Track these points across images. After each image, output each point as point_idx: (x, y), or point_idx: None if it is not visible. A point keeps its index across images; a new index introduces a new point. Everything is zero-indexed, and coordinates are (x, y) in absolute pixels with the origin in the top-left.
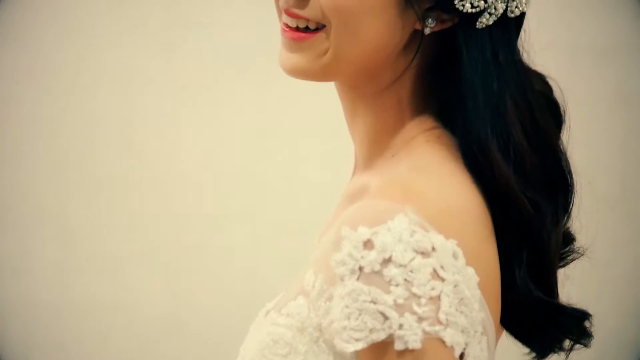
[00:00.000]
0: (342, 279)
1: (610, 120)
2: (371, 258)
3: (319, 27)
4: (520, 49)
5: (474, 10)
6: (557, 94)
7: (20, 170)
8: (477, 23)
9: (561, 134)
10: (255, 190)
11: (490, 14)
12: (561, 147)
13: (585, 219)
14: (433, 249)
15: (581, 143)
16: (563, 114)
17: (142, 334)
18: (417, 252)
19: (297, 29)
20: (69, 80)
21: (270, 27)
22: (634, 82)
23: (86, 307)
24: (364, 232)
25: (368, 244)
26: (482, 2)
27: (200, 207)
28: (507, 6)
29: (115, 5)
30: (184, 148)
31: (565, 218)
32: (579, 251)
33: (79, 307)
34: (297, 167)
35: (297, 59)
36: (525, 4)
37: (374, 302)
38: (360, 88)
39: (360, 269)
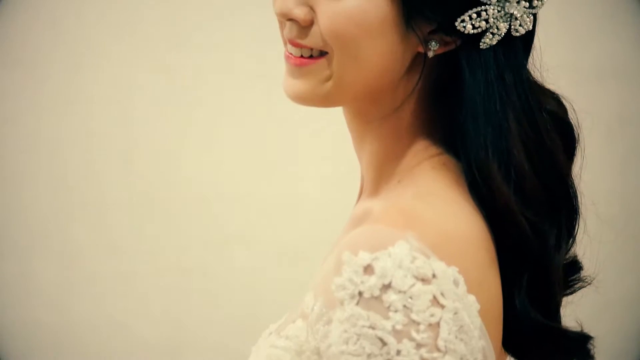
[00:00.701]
0: (341, 304)
1: (612, 142)
2: (371, 283)
3: (323, 54)
4: (533, 69)
5: (475, 31)
6: (571, 115)
7: (21, 191)
8: (481, 44)
9: (574, 156)
10: (256, 213)
11: (493, 34)
12: (569, 169)
13: (588, 241)
14: (434, 275)
15: (585, 166)
16: (577, 136)
17: (142, 356)
18: (417, 278)
19: (301, 56)
20: (69, 100)
21: (271, 49)
22: (637, 104)
23: (86, 329)
24: (364, 257)
25: (368, 269)
26: (484, 23)
27: (200, 229)
28: (510, 25)
29: (116, 25)
30: (185, 170)
31: (570, 242)
32: (586, 280)
33: (80, 328)
34: (298, 190)
35: (300, 85)
36: (530, 23)
37: (372, 327)
38: (365, 114)
39: (360, 294)
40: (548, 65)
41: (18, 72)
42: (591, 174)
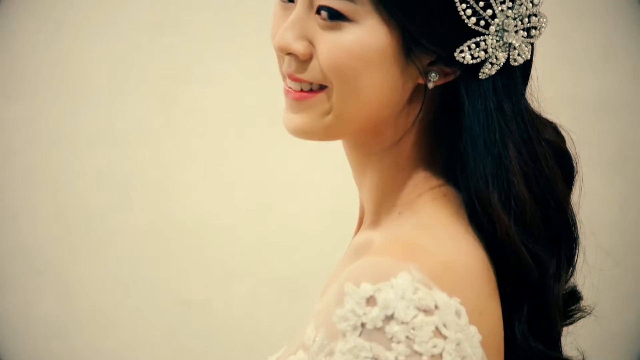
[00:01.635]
0: (344, 335)
1: (612, 175)
2: (373, 315)
3: (322, 87)
4: (531, 98)
5: (474, 61)
6: (569, 144)
7: (20, 225)
8: (480, 74)
9: (573, 185)
10: (256, 246)
11: (492, 64)
12: (568, 198)
13: (588, 271)
14: (436, 306)
15: (585, 196)
16: (575, 165)
17: None
18: (419, 309)
19: (301, 90)
20: (69, 135)
21: (271, 84)
22: (635, 137)
23: None
24: (366, 289)
25: (371, 301)
26: (483, 53)
27: (201, 263)
28: (508, 55)
29: (115, 59)
30: (184, 204)
31: (570, 271)
32: (586, 310)
33: None
34: (298, 224)
35: (300, 119)
36: (528, 52)
37: (375, 358)
38: (366, 146)
39: (363, 325)
40: (549, 96)
41: (17, 105)
42: (593, 204)
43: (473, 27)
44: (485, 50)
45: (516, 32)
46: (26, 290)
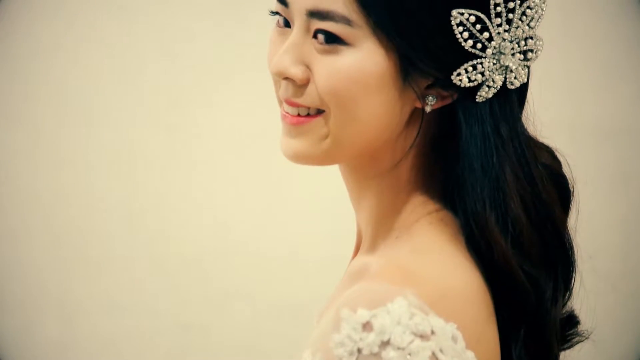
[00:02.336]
0: None
1: (612, 200)
2: (370, 340)
3: (319, 112)
4: (528, 121)
5: (472, 84)
6: (565, 168)
7: (20, 247)
8: (477, 97)
9: (570, 209)
10: (256, 269)
11: (489, 86)
12: (564, 222)
13: (585, 296)
14: (432, 332)
15: (583, 221)
16: (571, 188)
17: None
18: (416, 335)
19: (298, 115)
20: (69, 157)
21: (272, 110)
22: (635, 162)
23: None
24: (363, 314)
25: (367, 326)
26: (480, 76)
27: (200, 285)
28: (505, 78)
29: (116, 84)
30: (184, 228)
31: (567, 294)
32: (584, 334)
33: None
34: (298, 246)
35: (297, 144)
36: (525, 75)
37: None
38: (363, 170)
39: (359, 350)
40: (549, 121)
41: (18, 129)
42: (593, 229)
43: (470, 49)
44: (482, 73)
45: (513, 55)
46: (27, 313)
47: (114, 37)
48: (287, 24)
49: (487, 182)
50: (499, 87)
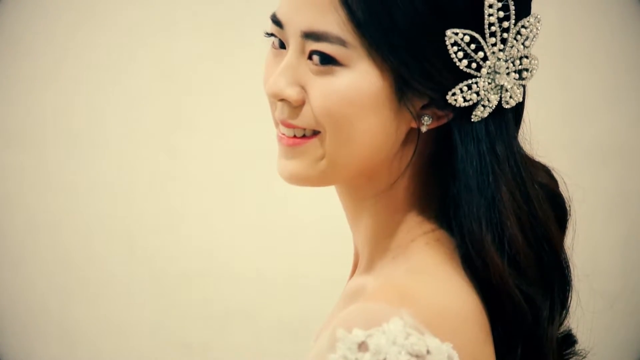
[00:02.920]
0: None
1: (611, 220)
2: None
3: (315, 133)
4: (523, 140)
5: (467, 104)
6: (562, 187)
7: (22, 270)
8: (472, 116)
9: (567, 228)
10: (257, 289)
11: (484, 106)
12: (561, 241)
13: (583, 315)
14: (428, 352)
15: (582, 240)
16: (568, 207)
17: None
18: (411, 355)
19: (294, 136)
20: (70, 180)
21: (271, 129)
22: (635, 182)
23: None
24: (358, 335)
25: (362, 346)
26: (475, 95)
27: (201, 305)
28: (500, 97)
29: (117, 107)
30: (186, 248)
31: (564, 313)
32: (581, 353)
33: None
34: (299, 265)
35: (294, 166)
36: (520, 94)
37: None
38: (359, 191)
39: None
40: (548, 140)
41: (19, 152)
42: (593, 249)
43: (465, 69)
44: (478, 93)
45: (508, 74)
46: (28, 335)
47: (116, 59)
48: (282, 45)
49: (483, 202)
50: (494, 106)
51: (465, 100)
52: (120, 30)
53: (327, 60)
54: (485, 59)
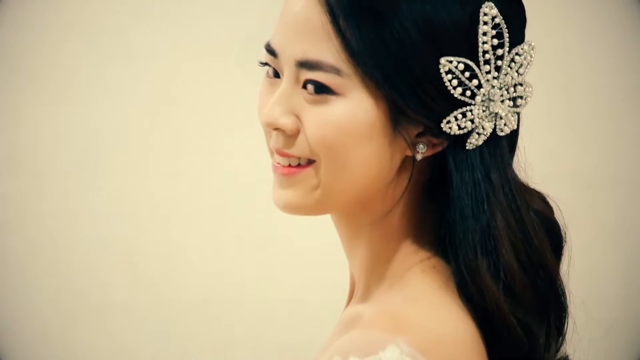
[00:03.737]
0: None
1: (611, 247)
2: None
3: (310, 162)
4: (519, 167)
5: (461, 131)
6: (557, 214)
7: (25, 295)
8: (467, 144)
9: (562, 255)
10: (258, 315)
11: (478, 134)
12: (556, 268)
13: (579, 341)
14: None
15: (579, 267)
16: (563, 234)
17: None
18: None
19: (289, 165)
20: (72, 204)
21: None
22: (634, 211)
23: None
24: None
25: None
26: (469, 123)
27: (203, 332)
28: (495, 125)
29: (119, 132)
30: (188, 273)
31: (560, 340)
32: None
33: None
34: (302, 292)
35: (289, 195)
36: (515, 122)
37: None
38: (355, 219)
39: None
40: (550, 171)
41: (21, 175)
42: (593, 277)
43: (459, 97)
44: (472, 121)
45: (502, 101)
46: (28, 358)
47: (116, 80)
48: (276, 74)
49: (478, 229)
50: (489, 134)
51: (459, 128)
52: (122, 53)
53: (321, 89)
54: (479, 86)
